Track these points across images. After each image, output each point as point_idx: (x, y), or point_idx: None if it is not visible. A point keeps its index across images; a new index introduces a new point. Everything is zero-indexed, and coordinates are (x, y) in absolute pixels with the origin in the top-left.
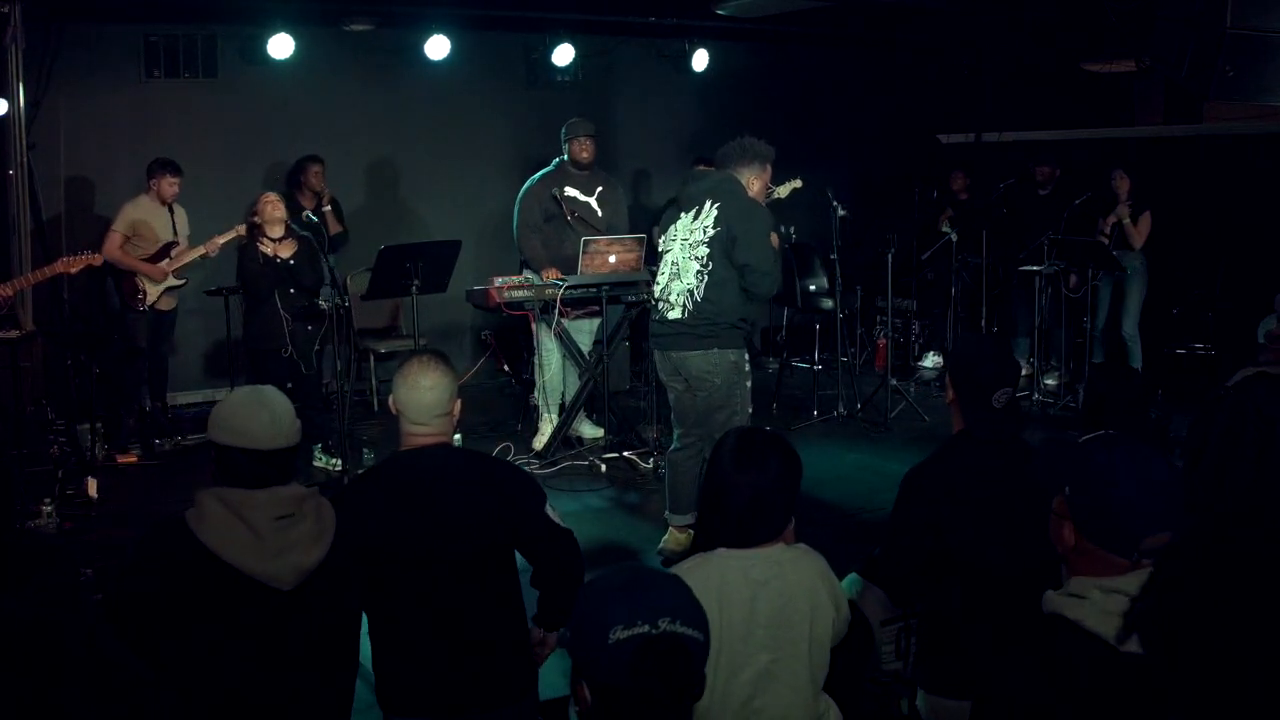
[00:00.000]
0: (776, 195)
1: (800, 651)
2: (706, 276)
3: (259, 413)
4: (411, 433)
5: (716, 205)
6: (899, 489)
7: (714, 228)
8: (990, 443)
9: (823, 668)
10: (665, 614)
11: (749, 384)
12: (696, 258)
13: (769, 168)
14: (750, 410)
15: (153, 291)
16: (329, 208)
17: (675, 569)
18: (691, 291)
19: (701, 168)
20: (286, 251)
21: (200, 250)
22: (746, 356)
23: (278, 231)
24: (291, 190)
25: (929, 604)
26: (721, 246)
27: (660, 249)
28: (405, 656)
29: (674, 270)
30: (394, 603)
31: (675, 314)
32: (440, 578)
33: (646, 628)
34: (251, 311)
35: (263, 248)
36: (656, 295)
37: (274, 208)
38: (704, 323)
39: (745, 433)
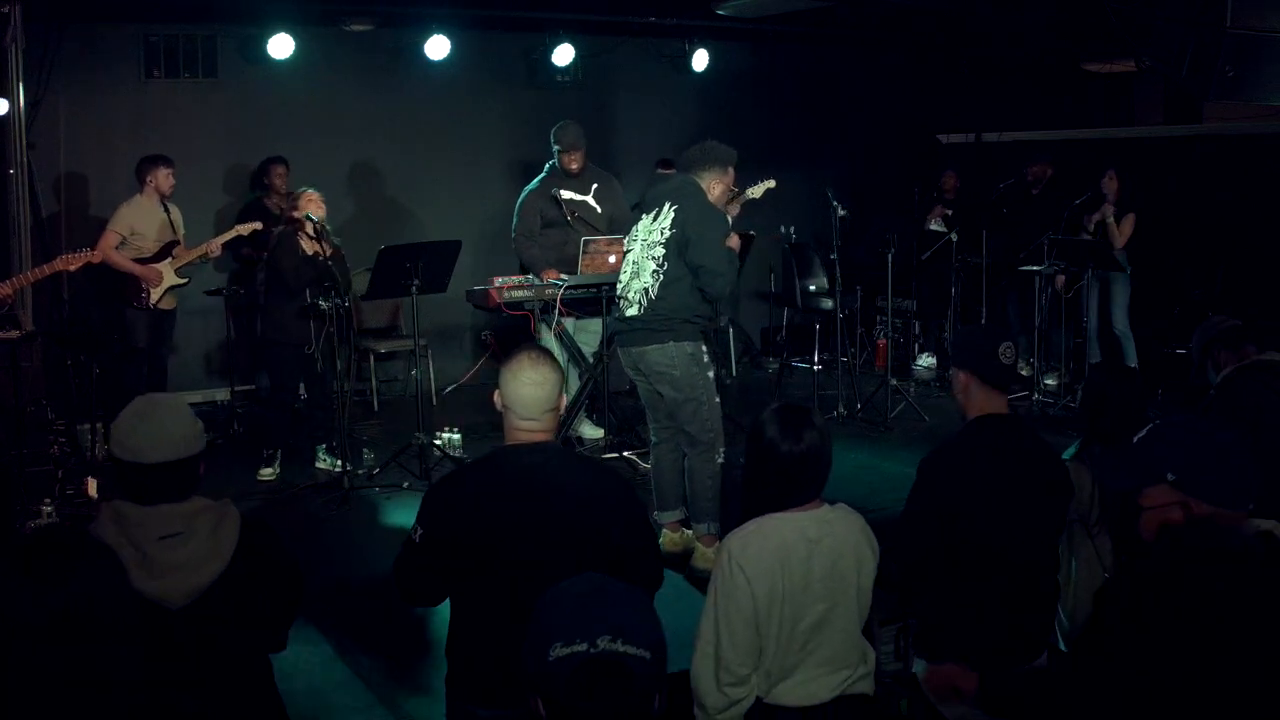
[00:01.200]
0: (750, 196)
1: (850, 599)
2: (661, 275)
3: (143, 426)
4: (518, 428)
5: (674, 208)
6: (916, 475)
7: (670, 229)
8: (1011, 426)
9: (866, 611)
10: (607, 632)
11: (711, 374)
12: (653, 257)
13: (731, 170)
14: (718, 400)
15: (155, 291)
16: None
17: (734, 534)
18: (647, 289)
19: (661, 170)
20: (326, 250)
21: (200, 250)
22: (704, 348)
23: (319, 227)
24: (258, 193)
25: (933, 577)
26: (677, 247)
27: (624, 249)
28: (485, 647)
29: (634, 269)
30: (479, 593)
31: (633, 311)
32: (529, 573)
33: (585, 646)
34: (277, 305)
35: (303, 243)
36: (618, 294)
37: (318, 206)
38: (658, 318)
39: (782, 406)
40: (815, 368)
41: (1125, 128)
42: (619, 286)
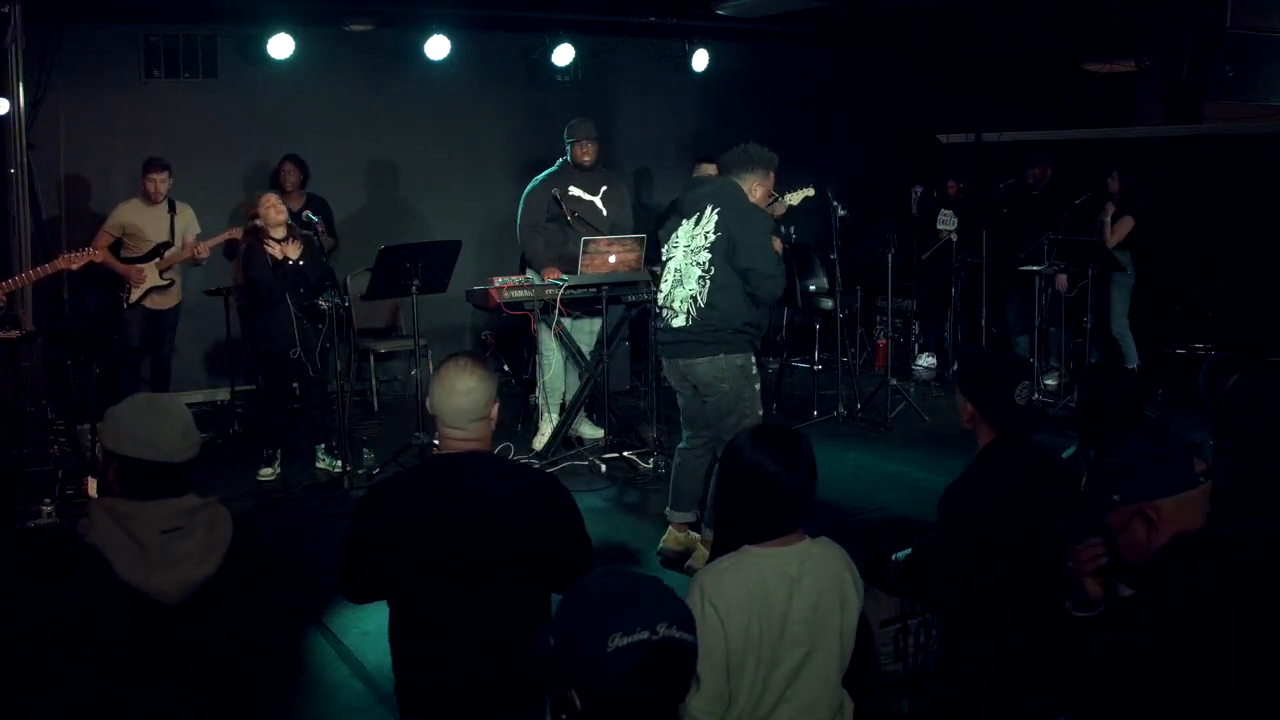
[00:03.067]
0: (787, 202)
1: (832, 644)
2: (709, 282)
3: (172, 424)
4: (448, 436)
5: (717, 211)
6: (939, 514)
7: (715, 233)
8: (1020, 446)
9: (848, 658)
10: (662, 619)
11: (758, 386)
12: (699, 263)
13: (772, 175)
14: (761, 412)
15: (136, 291)
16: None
17: (710, 568)
18: (695, 297)
19: (704, 166)
20: (294, 253)
21: (186, 254)
22: (754, 360)
23: (281, 233)
24: (277, 190)
25: (969, 633)
26: (722, 251)
27: (664, 256)
28: (425, 658)
29: (677, 277)
30: (415, 604)
31: (680, 321)
32: (464, 583)
33: (646, 634)
34: (259, 314)
35: (270, 250)
36: (660, 303)
37: (276, 210)
38: (709, 329)
39: (763, 429)
40: (815, 368)
41: (1125, 128)
42: (660, 296)
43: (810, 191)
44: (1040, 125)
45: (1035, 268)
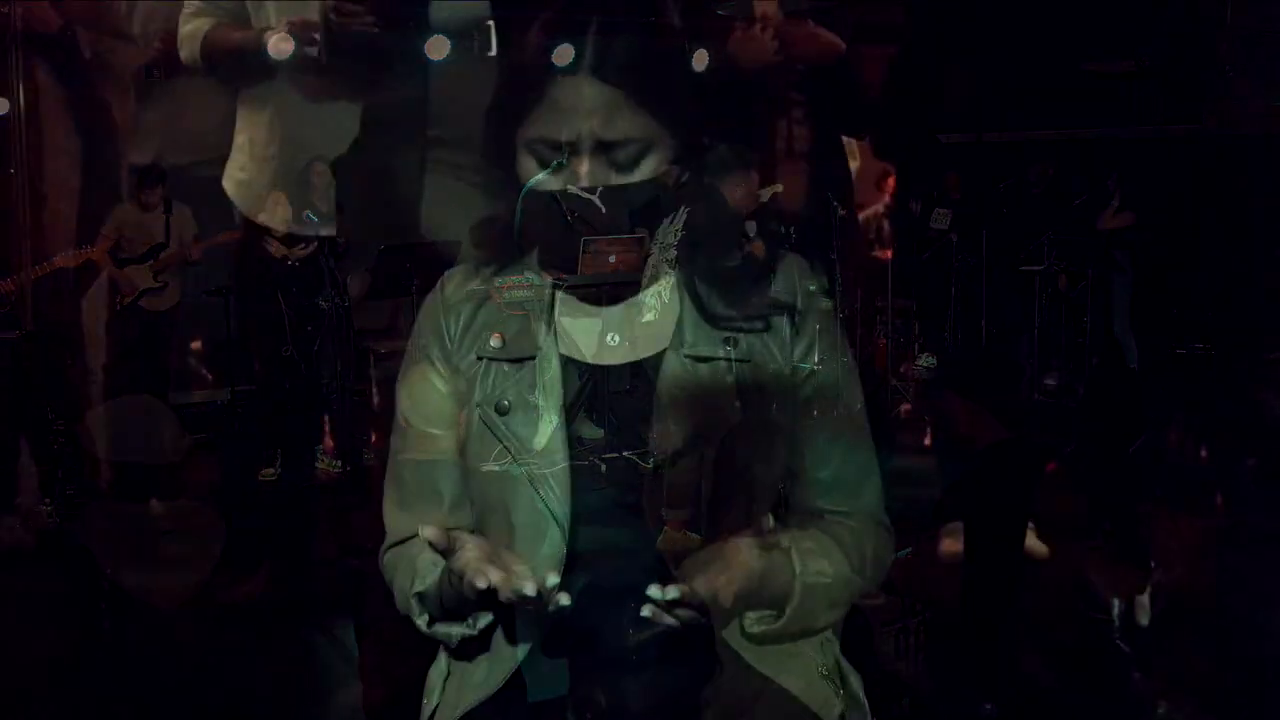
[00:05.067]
0: (759, 199)
1: None
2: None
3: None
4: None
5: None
6: (933, 518)
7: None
8: (1022, 447)
9: None
10: None
11: None
12: (667, 260)
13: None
14: None
15: (127, 296)
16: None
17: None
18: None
19: None
20: (290, 251)
21: (174, 256)
22: None
23: (282, 230)
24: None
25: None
26: None
27: None
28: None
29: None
30: None
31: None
32: None
33: None
34: (250, 310)
35: (267, 247)
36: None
37: (280, 208)
38: None
39: None
40: (815, 367)
41: (1125, 128)
42: None
43: (779, 187)
44: (1040, 125)
45: (1035, 268)
